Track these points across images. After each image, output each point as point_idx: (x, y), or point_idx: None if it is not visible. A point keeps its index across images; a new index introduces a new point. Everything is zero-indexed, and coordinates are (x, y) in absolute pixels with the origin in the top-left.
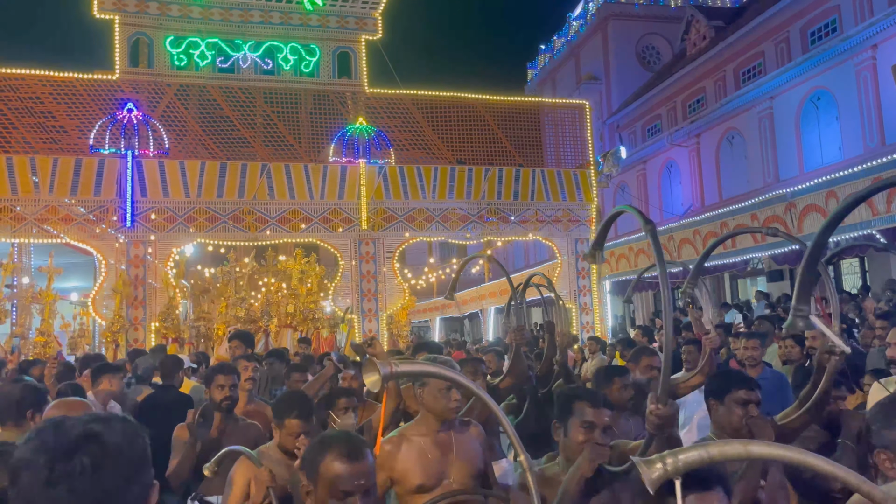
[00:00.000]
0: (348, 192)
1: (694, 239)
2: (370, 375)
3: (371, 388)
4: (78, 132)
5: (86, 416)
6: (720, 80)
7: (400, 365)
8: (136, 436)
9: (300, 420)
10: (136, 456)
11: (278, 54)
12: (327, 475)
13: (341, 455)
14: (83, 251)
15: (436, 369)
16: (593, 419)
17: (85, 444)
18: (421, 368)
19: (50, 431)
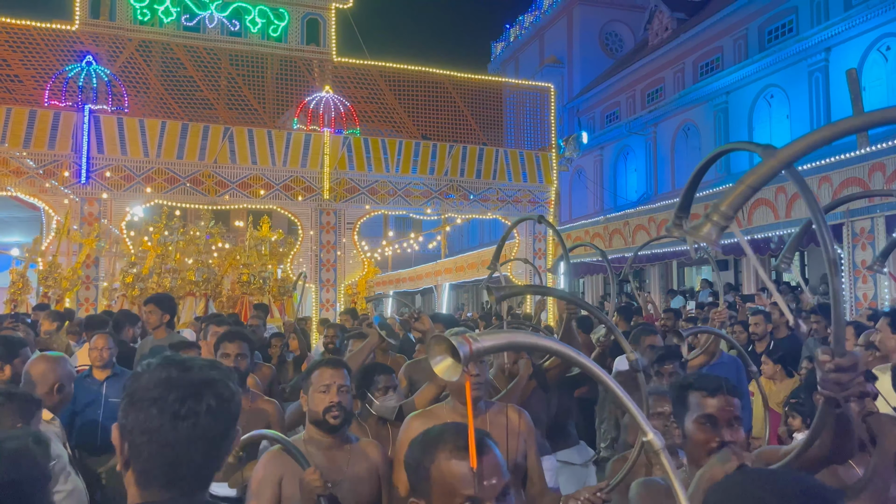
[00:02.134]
0: (311, 161)
1: (649, 225)
2: (440, 360)
3: (445, 377)
4: (33, 83)
5: (205, 362)
6: (679, 71)
7: (481, 338)
8: (236, 386)
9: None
10: (237, 403)
11: (246, 16)
12: (444, 480)
13: (459, 449)
14: (30, 206)
15: (533, 339)
16: (714, 412)
17: (210, 387)
18: (511, 339)
19: (176, 371)
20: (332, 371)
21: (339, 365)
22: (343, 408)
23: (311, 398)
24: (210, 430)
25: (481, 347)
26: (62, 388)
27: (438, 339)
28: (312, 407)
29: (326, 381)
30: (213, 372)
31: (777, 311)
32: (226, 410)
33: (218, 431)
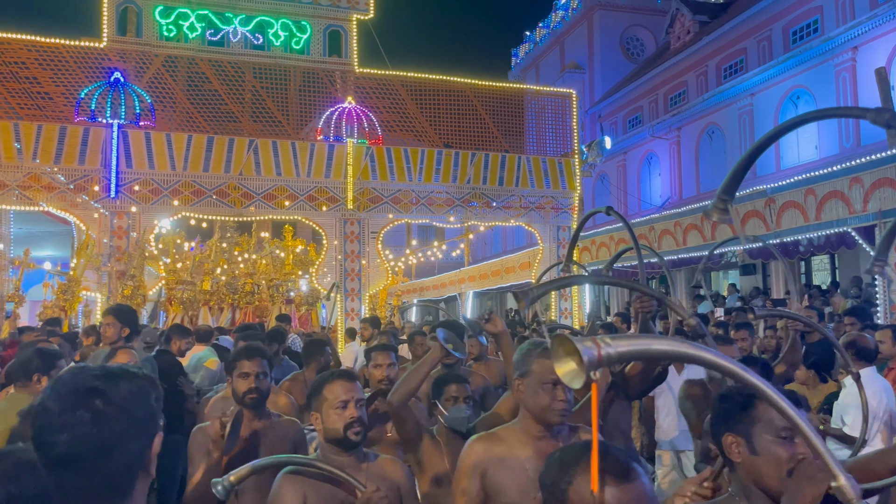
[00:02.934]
0: (335, 171)
1: (674, 230)
2: (562, 364)
3: (568, 382)
4: (63, 99)
5: (97, 370)
6: (702, 74)
7: (613, 343)
8: (141, 393)
9: None
10: (139, 412)
11: (269, 29)
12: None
13: (602, 473)
14: (61, 220)
15: (677, 346)
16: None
17: (89, 398)
18: (648, 346)
19: (64, 381)
20: (348, 385)
21: (354, 378)
22: (364, 423)
23: (327, 415)
24: (94, 441)
25: (612, 353)
26: None
27: (563, 340)
28: (330, 424)
29: (343, 396)
30: (100, 382)
31: (813, 314)
32: (113, 420)
33: (105, 439)
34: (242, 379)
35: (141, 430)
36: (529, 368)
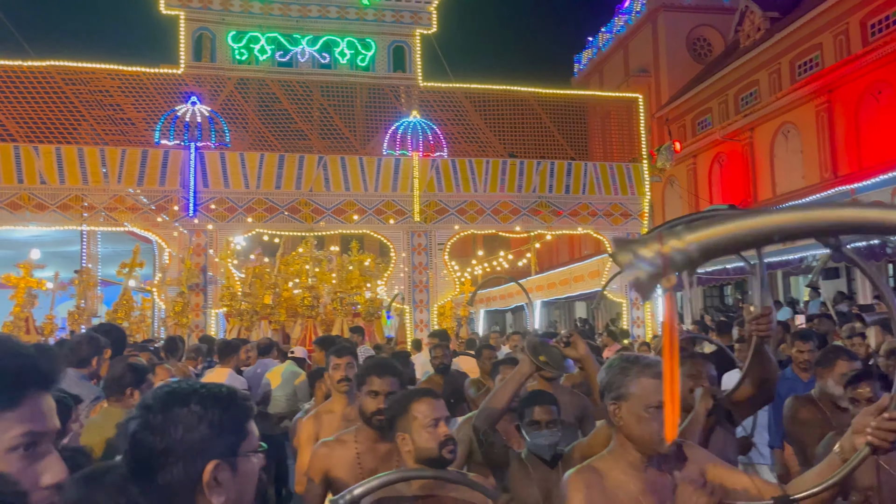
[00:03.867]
0: (401, 185)
1: None
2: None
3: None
4: (144, 124)
5: (166, 387)
6: (775, 72)
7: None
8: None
9: None
10: (178, 434)
11: (335, 48)
12: None
13: None
14: (143, 239)
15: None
16: None
17: (142, 413)
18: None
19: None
20: (435, 402)
21: (439, 395)
22: (455, 441)
23: (419, 435)
24: None
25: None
26: None
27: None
28: (423, 444)
29: (434, 414)
30: None
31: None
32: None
33: None
34: (371, 397)
35: (185, 451)
36: (628, 391)
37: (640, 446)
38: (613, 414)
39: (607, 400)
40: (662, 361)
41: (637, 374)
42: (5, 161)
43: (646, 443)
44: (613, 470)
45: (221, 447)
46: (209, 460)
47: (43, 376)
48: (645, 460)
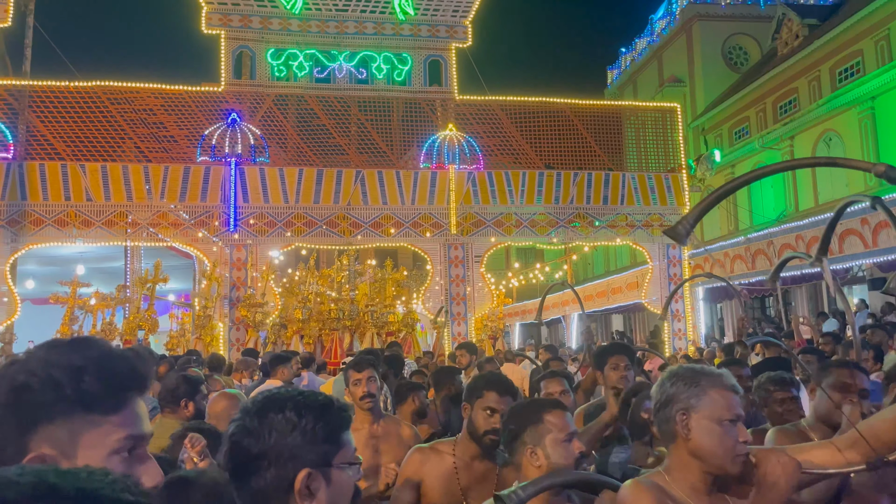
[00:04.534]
0: (438, 197)
1: (796, 244)
2: None
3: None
4: (186, 141)
5: (266, 393)
6: (814, 80)
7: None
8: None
9: None
10: (272, 441)
11: (372, 63)
12: None
13: None
14: (184, 254)
15: None
16: None
17: (244, 417)
18: None
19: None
20: (568, 415)
21: (568, 407)
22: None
23: (553, 449)
24: None
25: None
26: None
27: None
28: (558, 460)
29: (570, 428)
30: None
31: None
32: None
33: None
34: (486, 414)
35: (277, 457)
36: (699, 402)
37: (708, 463)
38: (680, 426)
39: (672, 412)
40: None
41: (708, 385)
42: (53, 179)
43: (717, 459)
44: (679, 490)
45: (314, 456)
46: (301, 468)
47: (142, 380)
48: (709, 481)
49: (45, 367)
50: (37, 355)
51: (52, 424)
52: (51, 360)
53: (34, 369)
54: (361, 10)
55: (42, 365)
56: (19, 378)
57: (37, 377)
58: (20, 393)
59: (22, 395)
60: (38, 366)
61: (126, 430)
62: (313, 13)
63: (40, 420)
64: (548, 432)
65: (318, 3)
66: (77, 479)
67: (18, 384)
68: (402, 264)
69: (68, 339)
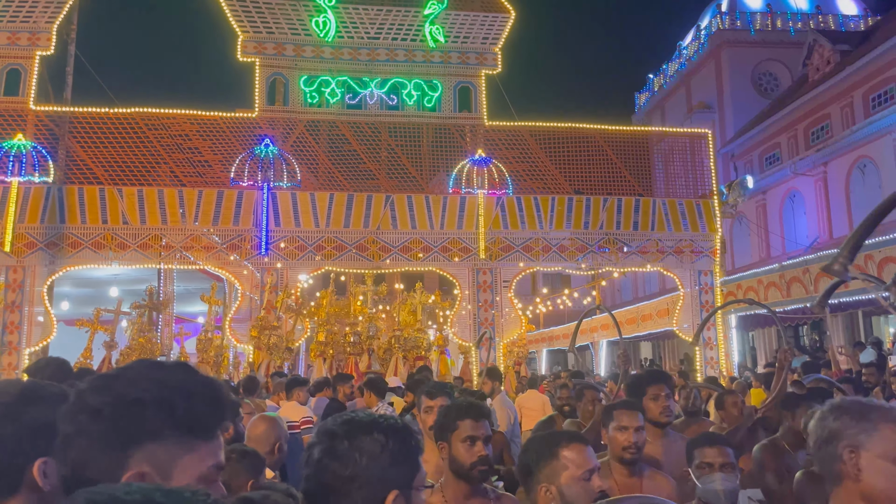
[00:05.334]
0: (467, 222)
1: None
2: None
3: None
4: (220, 166)
5: (346, 416)
6: (847, 106)
7: None
8: (374, 444)
9: None
10: (363, 461)
11: (403, 90)
12: None
13: None
14: (215, 277)
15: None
16: None
17: (325, 440)
18: None
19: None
20: (587, 449)
21: (587, 440)
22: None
23: (570, 489)
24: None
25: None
26: (281, 447)
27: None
28: (574, 499)
29: (590, 464)
30: None
31: None
32: None
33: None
34: (467, 445)
35: (369, 479)
36: (869, 439)
37: None
38: (849, 465)
39: (838, 449)
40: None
41: (880, 420)
42: (91, 203)
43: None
44: None
45: (400, 478)
46: (390, 490)
47: (235, 409)
48: None
49: (157, 386)
50: (142, 373)
51: (156, 443)
52: (163, 379)
53: (147, 387)
54: (393, 37)
55: (154, 384)
56: (130, 393)
57: (150, 395)
58: (130, 408)
59: (132, 411)
60: (149, 384)
61: (214, 458)
62: (345, 41)
63: (146, 438)
64: (564, 469)
65: (351, 31)
66: (182, 499)
67: (130, 399)
68: (429, 289)
69: (171, 361)
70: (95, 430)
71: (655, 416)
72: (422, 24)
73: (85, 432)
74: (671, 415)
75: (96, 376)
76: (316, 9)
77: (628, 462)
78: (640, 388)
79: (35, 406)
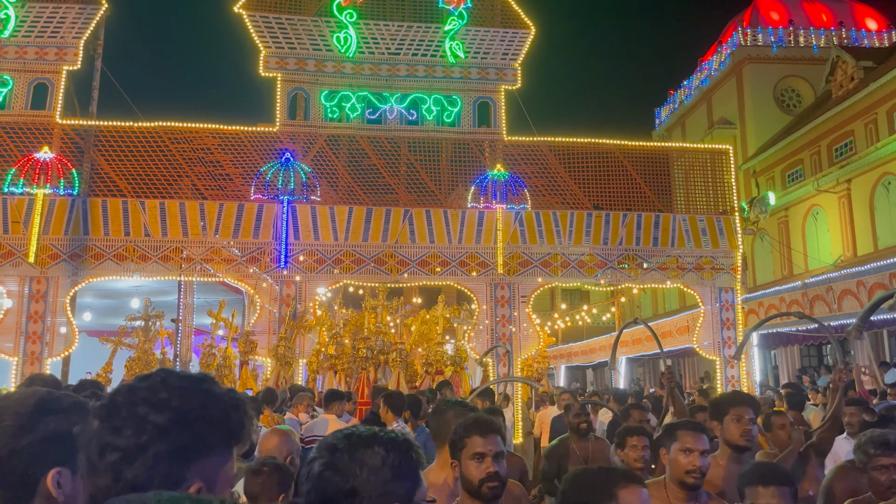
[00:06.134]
0: (485, 237)
1: (857, 290)
2: None
3: None
4: (241, 180)
5: (345, 431)
6: (871, 122)
7: None
8: (375, 457)
9: None
10: (364, 475)
11: (422, 105)
12: None
13: None
14: (234, 289)
15: None
16: None
17: (326, 454)
18: None
19: (357, 432)
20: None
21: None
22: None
23: (467, 467)
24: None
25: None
26: (293, 461)
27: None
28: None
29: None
30: None
31: None
32: None
33: None
34: (476, 462)
35: (370, 493)
36: None
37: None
38: None
39: None
40: None
41: None
42: (114, 215)
43: None
44: None
45: (401, 491)
46: (393, 502)
47: (253, 420)
48: None
49: (213, 400)
50: (187, 386)
51: (209, 457)
52: (214, 393)
53: (204, 402)
54: (413, 53)
55: (210, 398)
56: (193, 409)
57: (210, 411)
58: (195, 425)
59: (198, 427)
60: (205, 398)
61: (235, 464)
62: (366, 56)
63: (205, 452)
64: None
65: (371, 46)
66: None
67: (194, 416)
68: (447, 303)
69: (194, 372)
70: (163, 447)
71: (735, 438)
72: (442, 40)
73: (149, 448)
74: (753, 440)
75: (136, 388)
76: (338, 24)
77: (689, 487)
78: (722, 408)
79: (51, 417)
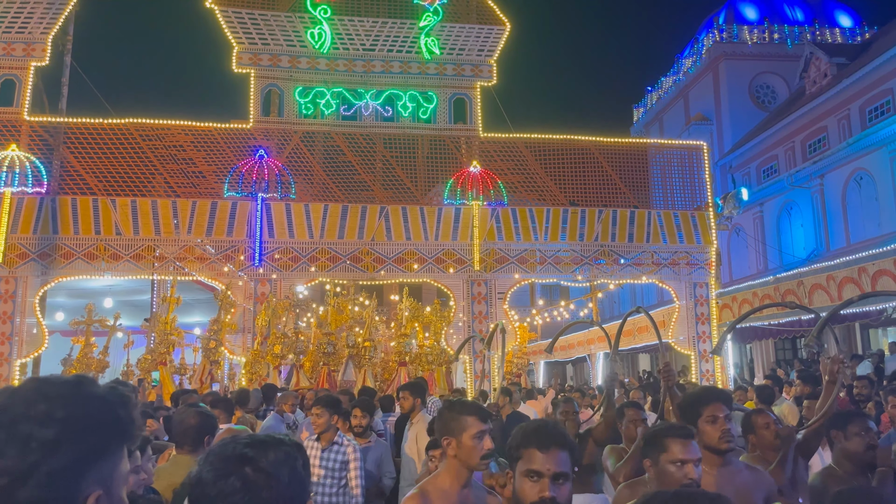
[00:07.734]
0: (461, 234)
1: (828, 284)
2: None
3: None
4: (214, 177)
5: (246, 439)
6: (844, 118)
7: None
8: (289, 458)
9: None
10: (288, 479)
11: (398, 101)
12: None
13: None
14: (209, 288)
15: None
16: None
17: (239, 467)
18: None
19: (216, 451)
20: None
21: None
22: None
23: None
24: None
25: None
26: None
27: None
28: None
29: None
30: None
31: None
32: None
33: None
34: (530, 481)
35: (288, 495)
36: None
37: None
38: None
39: None
40: None
41: None
42: (84, 213)
43: None
44: None
45: (307, 486)
46: (306, 499)
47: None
48: None
49: (97, 400)
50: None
51: (104, 461)
52: (96, 392)
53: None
54: (388, 49)
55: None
56: (77, 413)
57: (95, 411)
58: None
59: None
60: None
61: (126, 461)
62: (341, 52)
63: (99, 458)
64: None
65: (346, 42)
66: None
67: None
68: (427, 300)
69: (78, 375)
70: (57, 464)
71: (714, 441)
72: (417, 36)
73: (40, 467)
74: (732, 440)
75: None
76: (312, 20)
77: None
78: (694, 409)
79: None
